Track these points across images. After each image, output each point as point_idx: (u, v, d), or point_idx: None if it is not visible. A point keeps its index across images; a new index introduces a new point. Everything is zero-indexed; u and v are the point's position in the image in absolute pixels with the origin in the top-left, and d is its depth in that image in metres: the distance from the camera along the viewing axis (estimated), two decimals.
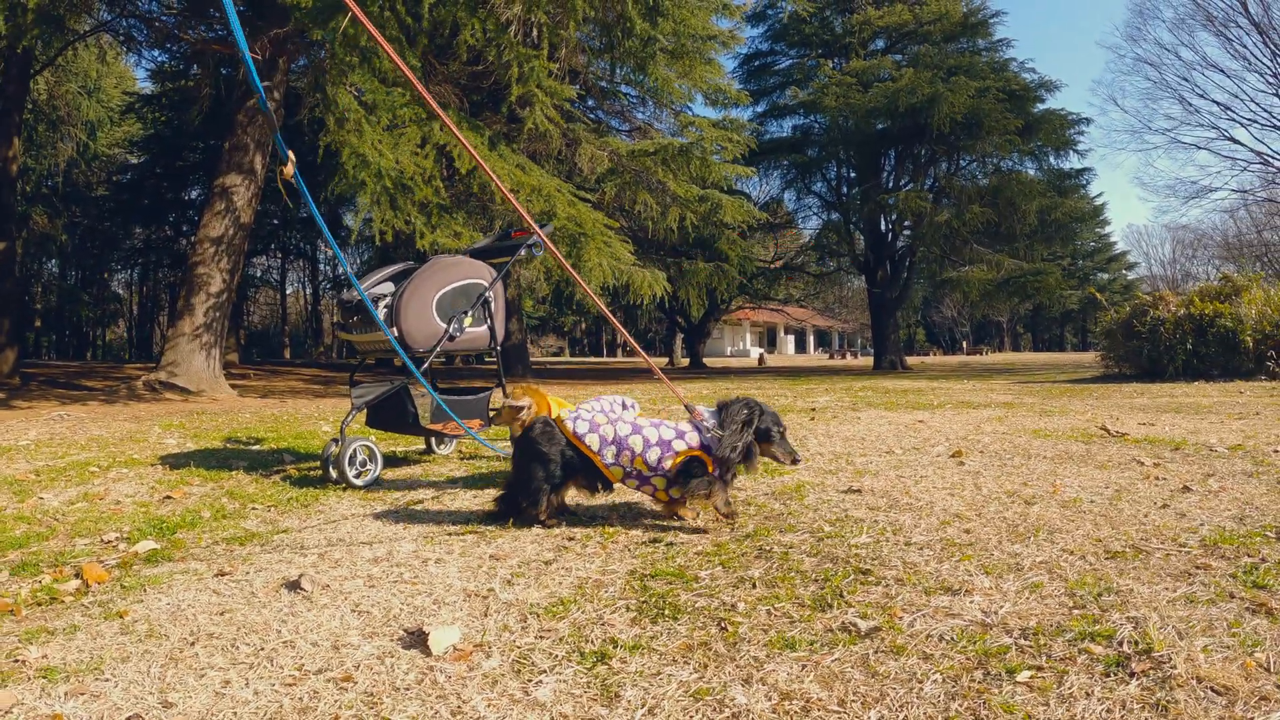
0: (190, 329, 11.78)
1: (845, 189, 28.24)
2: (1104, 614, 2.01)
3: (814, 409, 8.60)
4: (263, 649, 1.93)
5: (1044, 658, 1.76)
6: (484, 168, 3.05)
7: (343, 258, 3.63)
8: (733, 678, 1.69)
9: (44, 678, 1.78)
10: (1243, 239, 45.36)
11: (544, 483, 3.04)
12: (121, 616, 2.19)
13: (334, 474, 4.19)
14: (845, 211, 27.13)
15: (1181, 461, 4.30)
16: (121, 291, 50.04)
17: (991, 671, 1.69)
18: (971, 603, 2.10)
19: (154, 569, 2.67)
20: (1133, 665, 1.72)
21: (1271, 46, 27.37)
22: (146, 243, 36.38)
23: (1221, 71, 29.53)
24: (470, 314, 4.65)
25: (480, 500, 3.70)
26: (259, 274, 44.00)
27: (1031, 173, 25.07)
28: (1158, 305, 13.32)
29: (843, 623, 1.97)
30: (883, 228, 26.77)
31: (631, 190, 16.91)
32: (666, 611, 2.11)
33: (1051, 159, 25.19)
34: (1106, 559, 2.51)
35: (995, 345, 78.90)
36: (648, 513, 3.34)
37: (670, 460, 2.96)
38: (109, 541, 3.06)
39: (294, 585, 2.41)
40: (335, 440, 4.28)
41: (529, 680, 1.72)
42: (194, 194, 31.65)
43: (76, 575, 2.58)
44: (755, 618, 2.04)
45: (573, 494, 3.29)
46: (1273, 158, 29.50)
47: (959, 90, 22.15)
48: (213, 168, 15.54)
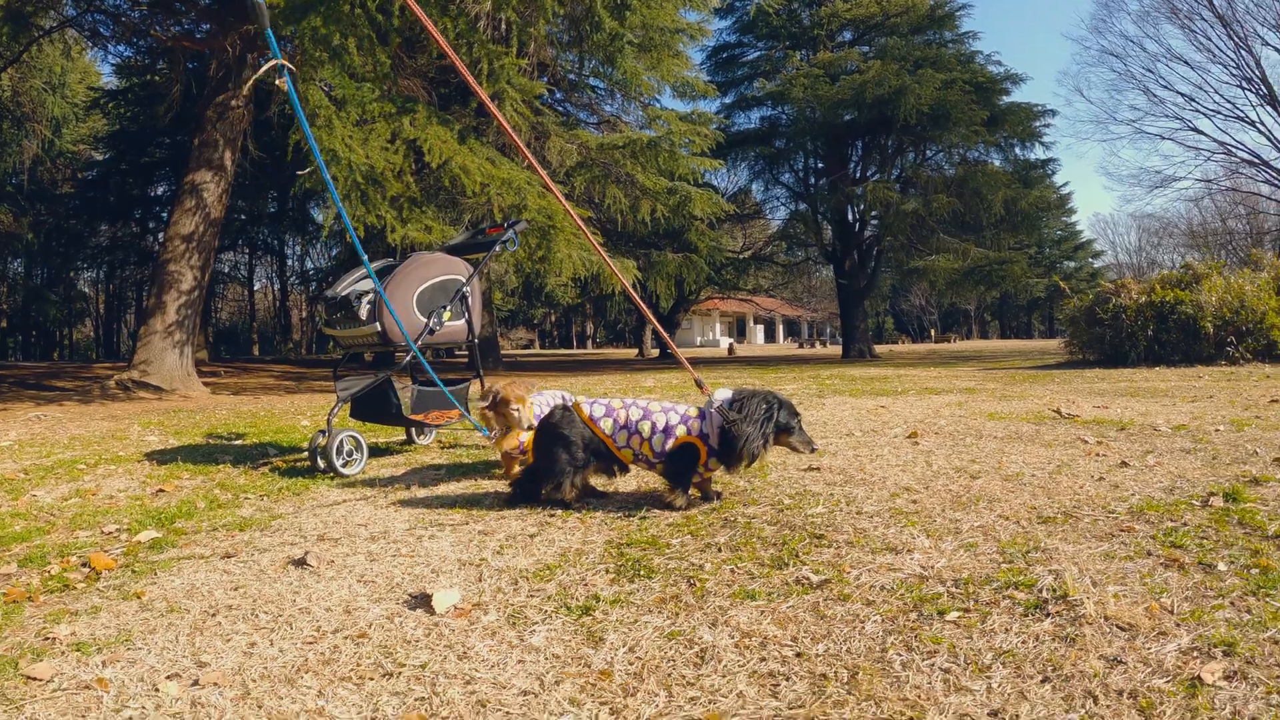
0: (162, 327, 11.80)
1: (813, 180, 28.52)
2: (1029, 567, 2.26)
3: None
4: (280, 615, 2.15)
5: (972, 602, 2.02)
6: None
7: (351, 227, 3.81)
8: (701, 622, 1.95)
9: (78, 651, 1.94)
10: (1207, 227, 46.22)
11: (568, 465, 3.17)
12: (139, 597, 2.35)
13: (322, 464, 4.37)
14: (813, 202, 27.41)
15: (1125, 440, 4.52)
16: (88, 290, 49.29)
17: (925, 613, 1.96)
18: (912, 559, 2.36)
19: (159, 555, 2.83)
20: (1049, 607, 1.96)
21: (1235, 39, 27.97)
22: (113, 240, 35.84)
23: (1186, 63, 30.08)
24: (449, 308, 4.84)
25: (463, 485, 3.90)
26: (227, 270, 43.62)
27: (997, 163, 25.47)
28: (1120, 293, 13.61)
29: (797, 577, 2.23)
30: (850, 218, 27.05)
31: (601, 183, 17.03)
32: (642, 572, 2.36)
33: (1017, 150, 25.63)
34: (1038, 523, 2.75)
35: (963, 333, 79.81)
36: (620, 493, 3.56)
37: (670, 444, 3.11)
38: (110, 533, 3.20)
39: (300, 562, 2.62)
40: (322, 431, 4.44)
41: (524, 630, 1.97)
42: (160, 190, 31.30)
43: (84, 564, 2.71)
44: (720, 575, 2.30)
45: (591, 477, 3.42)
46: (1235, 148, 30.14)
47: (925, 82, 22.49)
48: (179, 163, 15.52)
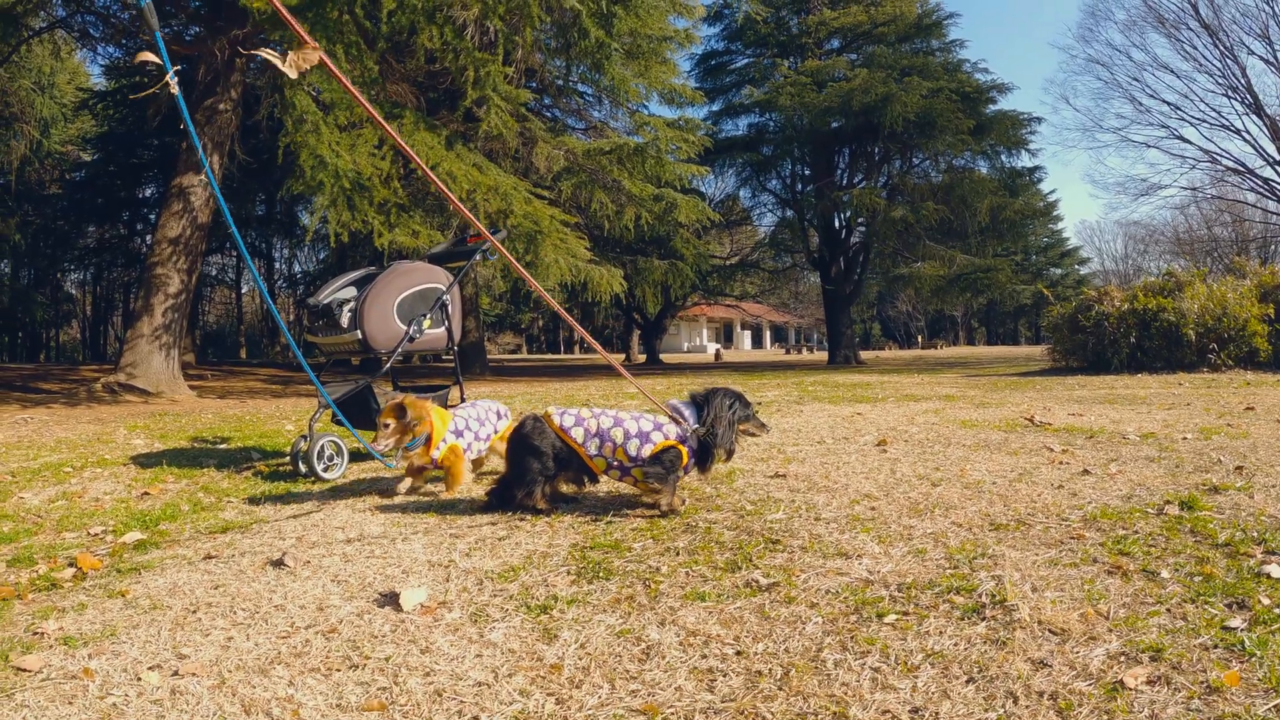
0: (149, 330, 11.83)
1: (800, 186, 28.70)
2: (973, 573, 2.36)
3: (760, 403, 8.93)
4: (257, 612, 2.26)
5: (911, 605, 2.12)
6: (434, 179, 3.35)
7: (253, 264, 3.91)
8: (650, 621, 2.06)
9: (64, 644, 2.05)
10: (1193, 234, 46.60)
11: (539, 474, 3.25)
12: (123, 595, 2.45)
13: (304, 468, 4.45)
14: (800, 208, 27.58)
15: (1091, 448, 4.60)
16: (75, 292, 49.09)
17: (864, 615, 2.06)
18: (860, 564, 2.47)
19: (144, 556, 2.92)
20: (986, 612, 2.06)
21: (1221, 48, 28.19)
22: (100, 242, 35.66)
23: (1172, 72, 30.39)
24: (429, 316, 4.94)
25: (440, 490, 4.00)
26: (214, 273, 43.48)
27: (984, 171, 25.69)
28: (1103, 300, 13.76)
29: (747, 580, 2.35)
30: (836, 224, 27.22)
31: (588, 189, 17.09)
32: (601, 574, 2.48)
33: (1004, 157, 25.85)
34: (990, 530, 2.84)
35: (950, 339, 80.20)
36: (589, 499, 3.65)
37: (649, 450, 3.18)
38: (96, 534, 3.29)
39: (278, 563, 2.72)
40: (304, 436, 4.54)
41: (484, 627, 2.08)
42: (149, 192, 31.16)
43: (71, 564, 2.80)
44: (675, 578, 2.42)
45: (563, 487, 3.49)
46: (1221, 156, 30.42)
47: (911, 90, 22.68)
48: (167, 165, 15.54)
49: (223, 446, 5.90)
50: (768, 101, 25.77)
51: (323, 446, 4.50)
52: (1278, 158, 27.74)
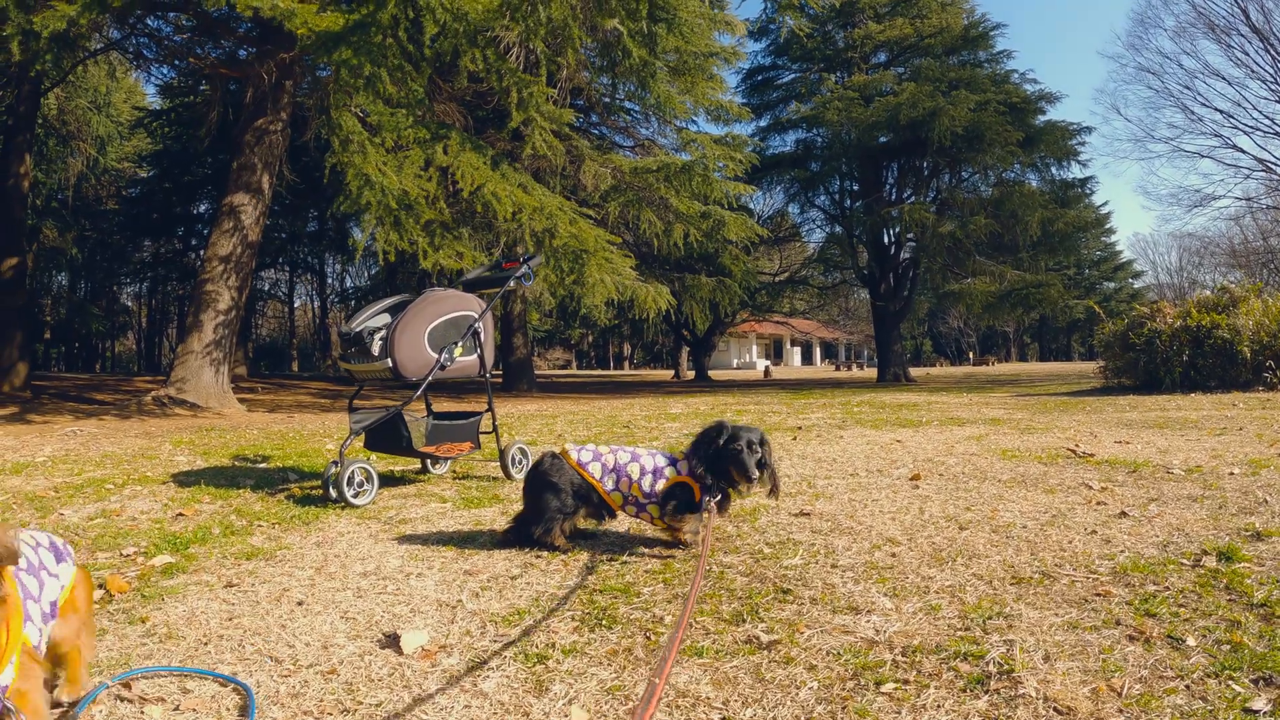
0: (199, 346, 12.11)
1: (848, 202, 28.59)
2: (985, 636, 2.25)
3: (800, 427, 8.88)
4: (264, 649, 2.31)
5: (914, 673, 2.03)
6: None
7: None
8: (642, 678, 2.04)
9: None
10: (1249, 246, 45.55)
11: (557, 512, 3.27)
12: (144, 621, 2.54)
13: (334, 494, 4.50)
14: (848, 224, 27.46)
15: (1132, 485, 4.44)
16: (131, 304, 50.56)
17: (862, 682, 2.00)
18: (868, 622, 2.40)
19: (170, 580, 3.00)
20: (991, 684, 1.96)
21: (1273, 53, 27.58)
22: (155, 256, 36.80)
23: (1224, 79, 29.78)
24: (461, 344, 4.98)
25: (462, 520, 4.03)
26: (267, 288, 44.42)
27: (1034, 184, 25.35)
28: (1155, 317, 13.51)
29: (749, 636, 2.30)
30: (885, 240, 27.05)
31: (635, 207, 17.15)
32: (604, 621, 2.46)
33: (1054, 169, 25.50)
34: (1011, 584, 2.73)
35: (1002, 355, 78.98)
36: (606, 535, 3.65)
37: (661, 485, 3.22)
38: (128, 555, 3.37)
39: (292, 596, 2.77)
40: (335, 462, 4.60)
41: (479, 675, 2.09)
42: (203, 208, 32.10)
43: (101, 586, 2.89)
44: (672, 620, 2.39)
45: (580, 522, 3.46)
46: (1275, 165, 29.67)
47: (959, 104, 22.50)
48: (221, 182, 15.91)
49: (262, 466, 6.02)
50: (815, 117, 25.73)
51: (353, 473, 4.56)
52: None
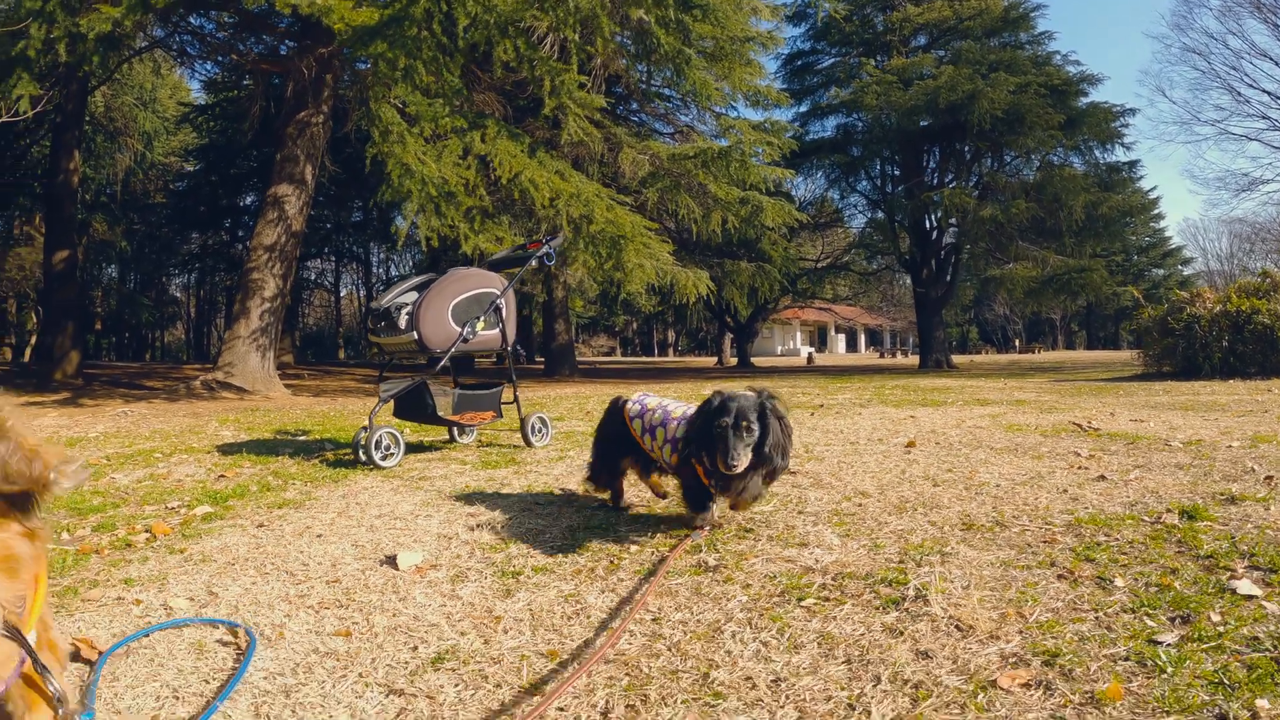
0: (246, 332, 12.59)
1: (889, 187, 28.45)
2: (917, 568, 2.43)
3: (821, 405, 9.08)
4: (282, 567, 2.72)
5: (837, 593, 2.26)
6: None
7: None
8: (595, 589, 2.39)
9: (124, 584, 2.56)
10: None
11: (599, 459, 3.41)
12: (182, 552, 2.94)
13: (363, 457, 4.88)
14: (890, 209, 27.28)
15: (1123, 454, 4.46)
16: (179, 295, 51.85)
17: (786, 598, 2.25)
18: (810, 554, 2.67)
19: (208, 525, 3.39)
20: (905, 605, 2.14)
21: None
22: (203, 248, 37.69)
23: (1271, 60, 28.89)
24: (483, 319, 5.31)
25: (479, 478, 4.37)
26: (313, 277, 45.32)
27: (1077, 167, 25.00)
28: (1194, 302, 13.34)
29: (699, 561, 2.63)
30: (927, 225, 26.83)
31: (673, 193, 17.25)
32: (576, 549, 2.81)
33: (1097, 153, 25.13)
34: (961, 529, 2.87)
35: (1048, 343, 77.68)
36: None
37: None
38: (172, 508, 3.76)
39: (313, 531, 3.16)
40: (365, 428, 4.97)
41: (459, 585, 2.46)
42: (248, 200, 32.79)
43: (146, 530, 3.28)
44: (641, 555, 2.72)
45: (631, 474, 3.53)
46: None
47: (998, 86, 22.30)
48: (266, 174, 16.40)
49: (301, 438, 6.42)
50: (854, 101, 25.63)
51: (380, 437, 4.92)
52: None
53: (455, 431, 6.05)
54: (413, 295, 5.31)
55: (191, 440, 6.31)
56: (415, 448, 5.66)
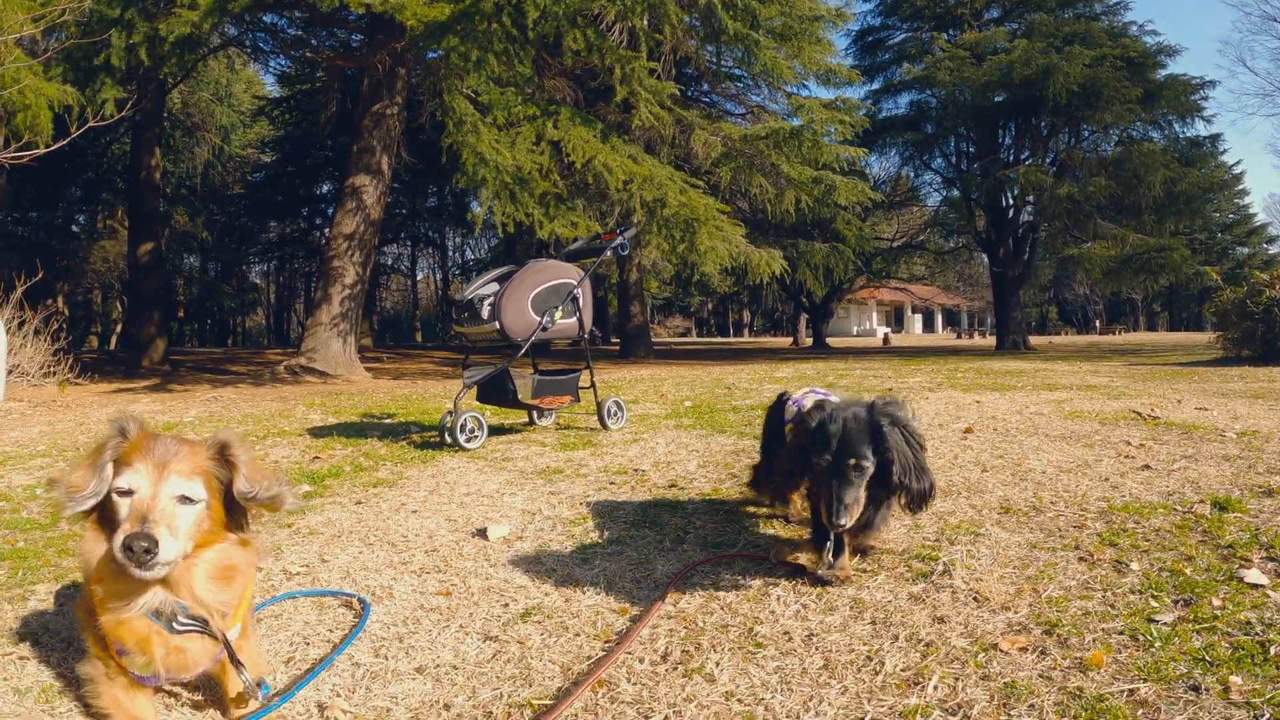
0: (327, 318, 13.10)
1: (964, 164, 28.00)
2: (950, 547, 2.66)
3: (889, 389, 9.20)
4: (384, 539, 3.11)
5: (874, 565, 2.56)
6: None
7: None
8: (663, 559, 2.75)
9: None
10: None
11: (764, 465, 3.23)
12: (290, 526, 3.32)
13: (449, 439, 5.21)
14: (965, 187, 26.87)
15: (1174, 444, 4.45)
16: (259, 282, 53.43)
17: None
18: None
19: (309, 502, 3.77)
20: (932, 578, 2.39)
21: None
22: (282, 236, 39.12)
23: None
24: (561, 308, 5.61)
25: (558, 459, 4.70)
26: (390, 262, 46.32)
27: (1157, 141, 24.23)
28: (1274, 284, 12.99)
29: (753, 540, 2.91)
30: (1003, 203, 26.29)
31: (745, 174, 17.26)
32: (648, 525, 3.16)
33: (1176, 127, 24.33)
34: (998, 513, 3.04)
35: (1129, 325, 75.13)
36: (686, 469, 4.26)
37: None
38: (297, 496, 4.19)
39: (408, 507, 3.54)
40: (450, 412, 5.31)
41: (541, 554, 2.84)
42: (325, 189, 33.84)
43: None
44: (702, 530, 3.06)
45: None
46: None
47: (1073, 60, 21.71)
48: (342, 164, 16.94)
49: (387, 421, 6.81)
50: (926, 78, 25.21)
51: (465, 420, 5.25)
52: None
53: (535, 415, 6.31)
54: (494, 287, 5.58)
55: (282, 424, 6.71)
56: (497, 430, 5.98)
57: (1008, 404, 7.11)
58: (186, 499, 1.56)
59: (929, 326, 75.28)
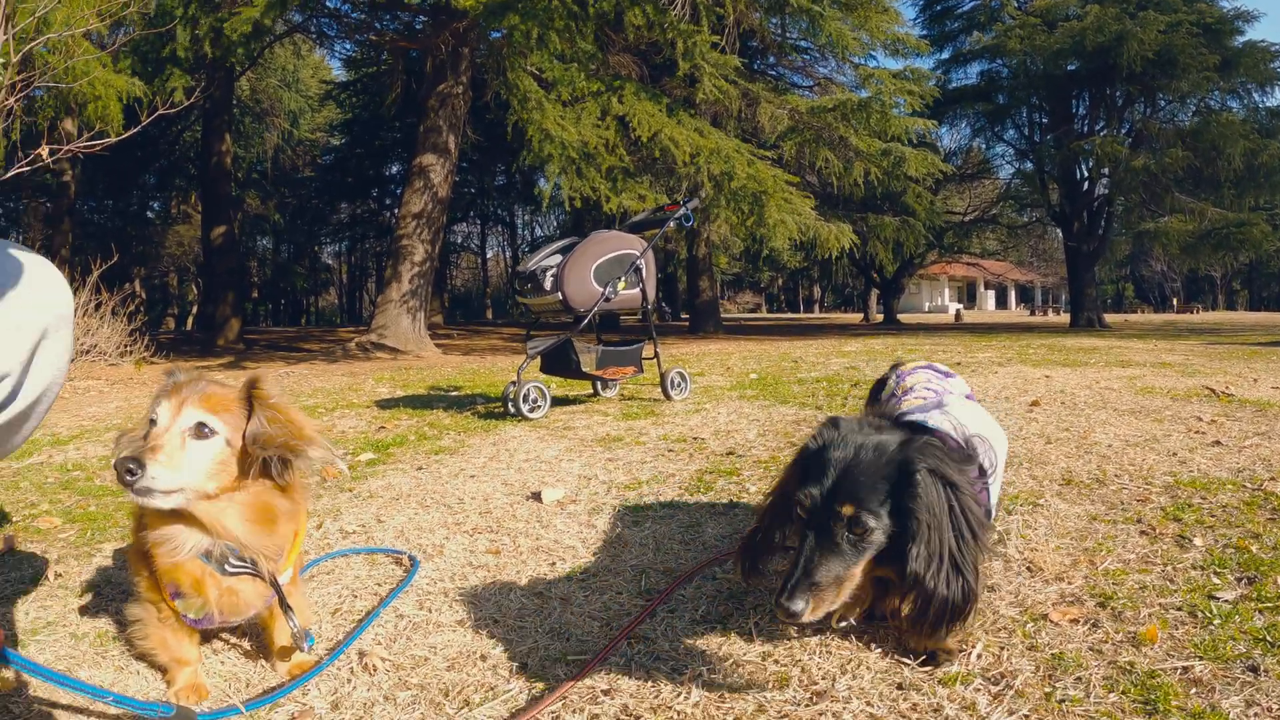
0: (397, 295, 13.39)
1: (1037, 135, 27.19)
2: (1007, 516, 2.62)
3: (958, 364, 9.01)
4: (440, 501, 3.20)
5: None
6: None
7: None
8: (714, 524, 2.79)
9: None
10: None
11: None
12: (350, 490, 3.45)
13: (512, 409, 5.31)
14: (1038, 159, 26.10)
15: (1247, 421, 4.33)
16: (331, 262, 54.89)
17: None
18: None
19: (372, 469, 3.89)
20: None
21: None
22: (352, 217, 39.92)
23: None
24: (624, 279, 5.63)
25: (619, 428, 4.75)
26: (460, 240, 46.91)
27: (1236, 111, 23.14)
28: None
29: None
30: (1078, 176, 25.43)
31: (813, 147, 17.10)
32: (702, 489, 3.21)
33: (1256, 96, 23.15)
34: (1060, 484, 3.00)
35: (1208, 303, 72.23)
36: (745, 437, 4.28)
37: None
38: (339, 455, 4.28)
39: (467, 473, 3.62)
40: (514, 382, 5.39)
41: (594, 516, 2.89)
42: (394, 169, 34.35)
43: (316, 474, 3.76)
44: (757, 496, 3.09)
45: None
46: None
47: (1148, 26, 20.84)
48: (410, 144, 17.22)
49: (454, 393, 6.96)
50: (997, 46, 24.53)
51: (528, 390, 5.34)
52: None
53: (599, 386, 6.38)
54: (556, 258, 5.63)
55: (351, 396, 6.93)
56: (561, 401, 6.07)
57: (1078, 379, 6.96)
58: (203, 431, 1.55)
59: (1002, 303, 73.68)
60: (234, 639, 2.03)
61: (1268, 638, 1.73)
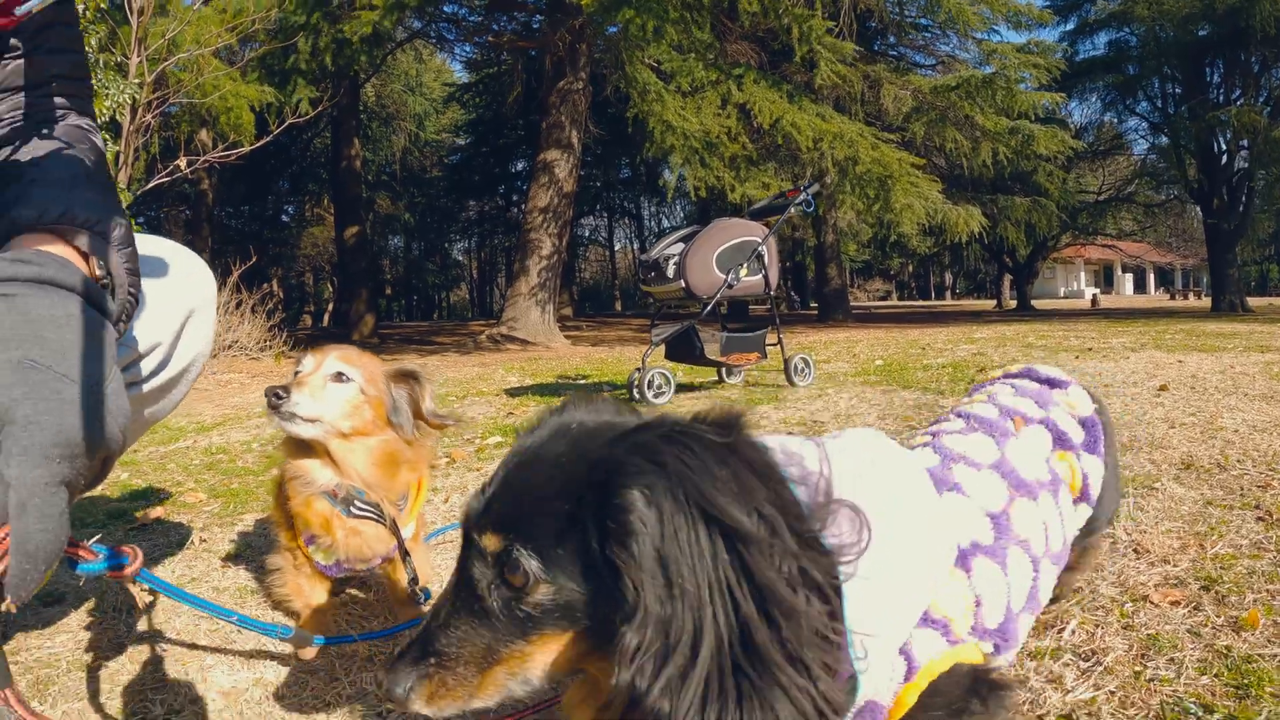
0: (526, 288, 13.79)
1: (1171, 107, 25.76)
2: (1121, 500, 2.54)
3: (1090, 349, 8.69)
4: None
5: None
6: None
7: None
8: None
9: (432, 491, 3.27)
10: None
11: None
12: (478, 470, 3.72)
13: (637, 395, 5.50)
14: (1173, 133, 24.75)
15: None
16: (461, 258, 56.43)
17: None
18: None
19: (499, 451, 4.12)
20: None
21: None
22: (480, 214, 41.24)
23: None
24: (746, 265, 5.78)
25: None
26: (587, 234, 47.46)
27: None
28: None
29: None
30: (1215, 149, 23.98)
31: (939, 128, 16.87)
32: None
33: None
34: (1178, 469, 2.94)
35: None
36: (864, 420, 4.41)
37: None
38: (468, 439, 4.54)
39: None
40: (639, 369, 5.61)
41: None
42: (519, 166, 34.98)
43: (446, 456, 4.07)
44: None
45: None
46: None
47: None
48: (533, 142, 17.67)
49: (581, 382, 7.23)
50: (1124, 14, 23.49)
51: (652, 377, 5.56)
52: None
53: (724, 372, 6.48)
54: (679, 246, 5.82)
55: (481, 385, 7.23)
56: (686, 388, 6.24)
57: (1211, 364, 6.73)
58: (341, 377, 1.75)
59: (1140, 287, 69.96)
60: (361, 592, 2.26)
61: None
